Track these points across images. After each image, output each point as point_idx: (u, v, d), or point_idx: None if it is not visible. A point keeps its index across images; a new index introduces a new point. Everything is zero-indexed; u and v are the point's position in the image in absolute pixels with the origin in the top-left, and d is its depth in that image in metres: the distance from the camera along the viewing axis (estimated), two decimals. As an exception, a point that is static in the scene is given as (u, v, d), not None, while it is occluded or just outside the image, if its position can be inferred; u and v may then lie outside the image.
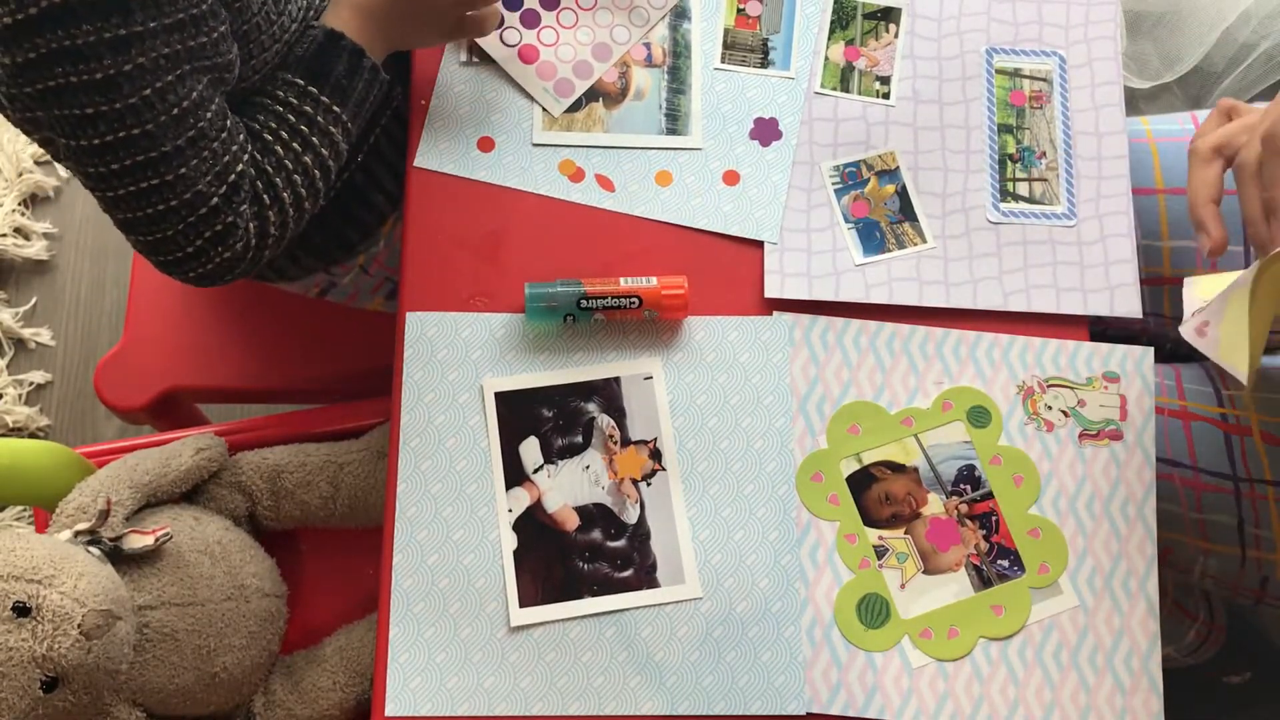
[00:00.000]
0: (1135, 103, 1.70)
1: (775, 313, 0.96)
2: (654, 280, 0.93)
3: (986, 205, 0.99)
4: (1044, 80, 1.03)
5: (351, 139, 0.95)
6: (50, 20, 0.75)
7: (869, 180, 1.00)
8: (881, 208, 0.99)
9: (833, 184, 0.99)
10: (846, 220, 0.98)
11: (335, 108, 0.92)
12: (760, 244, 0.98)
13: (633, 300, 0.93)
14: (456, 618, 0.88)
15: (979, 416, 0.94)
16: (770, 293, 0.96)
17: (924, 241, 0.98)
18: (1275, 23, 1.59)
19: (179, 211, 0.84)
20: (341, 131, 0.94)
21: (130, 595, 0.90)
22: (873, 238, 0.98)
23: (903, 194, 1.00)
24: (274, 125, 0.90)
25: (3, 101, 0.84)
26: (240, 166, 0.86)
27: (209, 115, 0.84)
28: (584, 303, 0.93)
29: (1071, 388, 0.95)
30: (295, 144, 0.91)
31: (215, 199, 0.85)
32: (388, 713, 0.86)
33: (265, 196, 0.89)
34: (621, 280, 0.93)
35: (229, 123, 0.86)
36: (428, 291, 0.96)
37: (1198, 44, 1.61)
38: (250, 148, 0.89)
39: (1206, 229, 0.83)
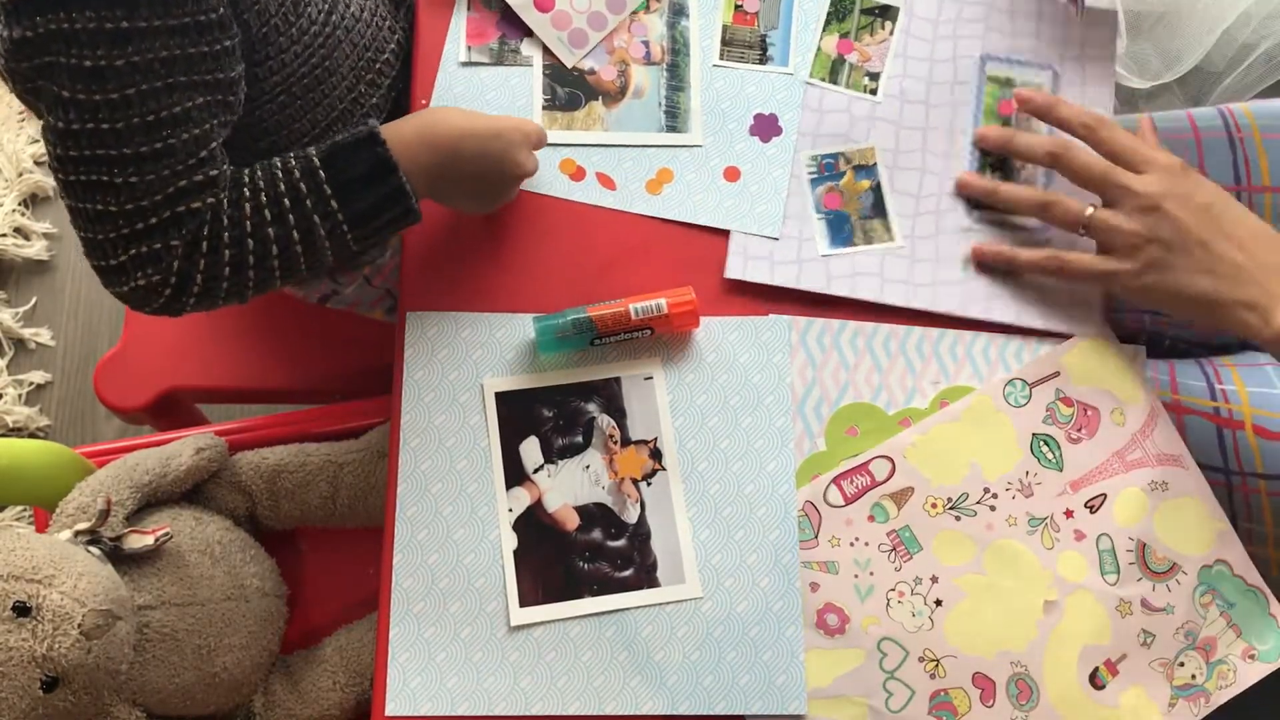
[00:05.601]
0: (1135, 103, 1.70)
1: (771, 314, 0.96)
2: (663, 305, 0.93)
3: (960, 210, 0.99)
4: None
5: (346, 252, 0.88)
6: (54, 1, 0.75)
7: (845, 173, 1.00)
8: (854, 202, 0.99)
9: (809, 173, 0.99)
10: (818, 210, 0.98)
11: (334, 203, 0.85)
12: (764, 240, 0.97)
13: (645, 331, 0.93)
14: (456, 617, 0.88)
15: (978, 416, 0.94)
16: (731, 274, 0.95)
17: (892, 239, 0.98)
18: (1275, 23, 1.59)
19: (115, 219, 0.81)
20: (329, 230, 0.86)
21: (130, 595, 0.90)
22: (841, 230, 0.98)
23: (877, 190, 0.99)
24: (262, 185, 0.85)
25: (4, 74, 0.82)
26: (196, 204, 0.82)
27: (185, 136, 0.81)
28: (597, 341, 0.93)
29: (1070, 387, 0.95)
30: (269, 210, 0.84)
31: (153, 219, 0.81)
32: (388, 712, 0.86)
33: (204, 244, 0.83)
34: (631, 310, 0.92)
35: (207, 154, 0.82)
36: (428, 291, 0.96)
37: (1198, 44, 1.61)
38: (226, 194, 0.84)
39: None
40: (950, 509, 0.90)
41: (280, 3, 0.87)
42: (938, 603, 0.88)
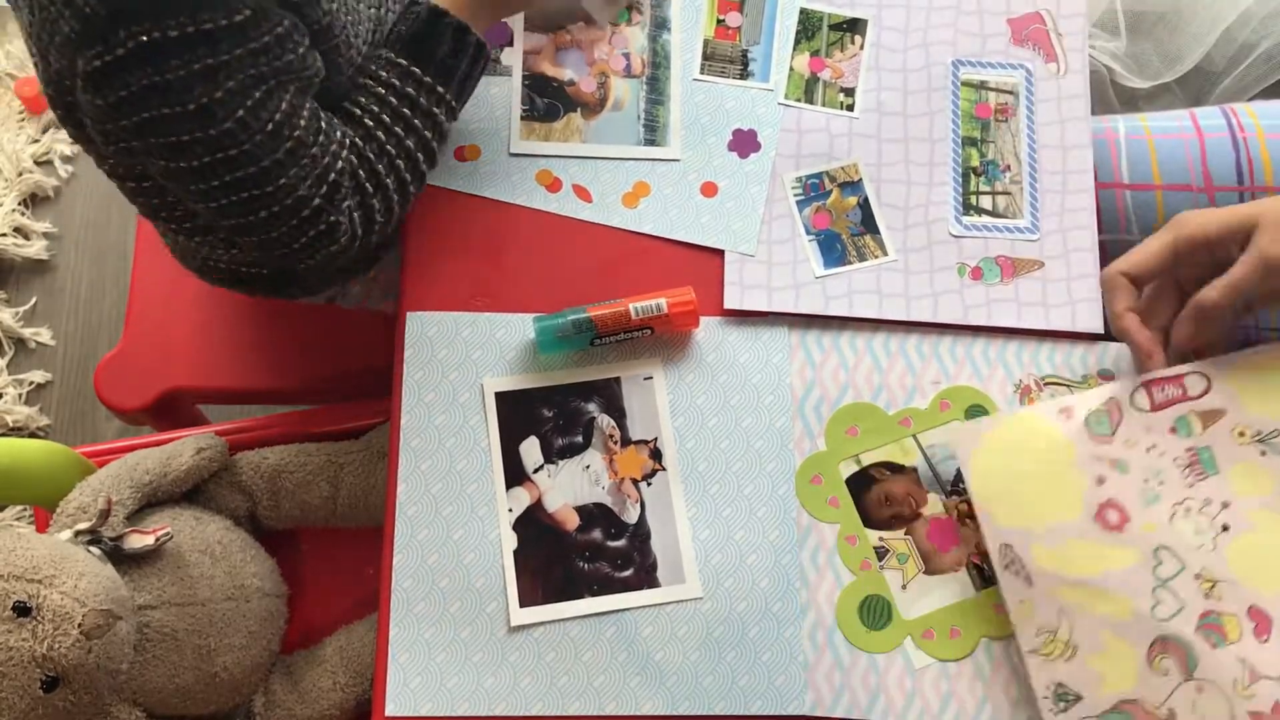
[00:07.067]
0: (1135, 102, 1.70)
1: (770, 315, 0.96)
2: (663, 304, 0.93)
3: (949, 218, 0.99)
4: (1010, 93, 1.02)
5: (455, 116, 0.95)
6: (139, 59, 0.76)
7: (831, 192, 0.99)
8: (843, 220, 0.99)
9: (795, 195, 0.99)
10: (808, 232, 0.98)
11: (439, 88, 0.92)
12: (759, 266, 0.97)
13: (645, 331, 0.93)
14: (456, 618, 0.88)
15: (977, 415, 0.94)
16: (730, 304, 0.95)
17: (885, 254, 0.97)
18: (1275, 23, 1.59)
19: (282, 216, 0.86)
20: (445, 110, 0.93)
21: (130, 595, 0.91)
22: (834, 250, 0.98)
23: (865, 206, 0.99)
24: (376, 109, 0.91)
25: (94, 137, 0.84)
26: (340, 164, 0.87)
27: (302, 123, 0.84)
28: (597, 341, 0.93)
29: (1068, 386, 0.95)
30: (398, 128, 0.91)
31: (317, 200, 0.86)
32: (388, 713, 0.86)
33: (369, 185, 0.90)
34: (631, 309, 0.92)
35: (323, 124, 0.87)
36: (428, 291, 0.96)
37: (1198, 44, 1.61)
38: (352, 135, 0.89)
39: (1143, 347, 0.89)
40: (1258, 440, 0.85)
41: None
42: (1224, 528, 0.84)
